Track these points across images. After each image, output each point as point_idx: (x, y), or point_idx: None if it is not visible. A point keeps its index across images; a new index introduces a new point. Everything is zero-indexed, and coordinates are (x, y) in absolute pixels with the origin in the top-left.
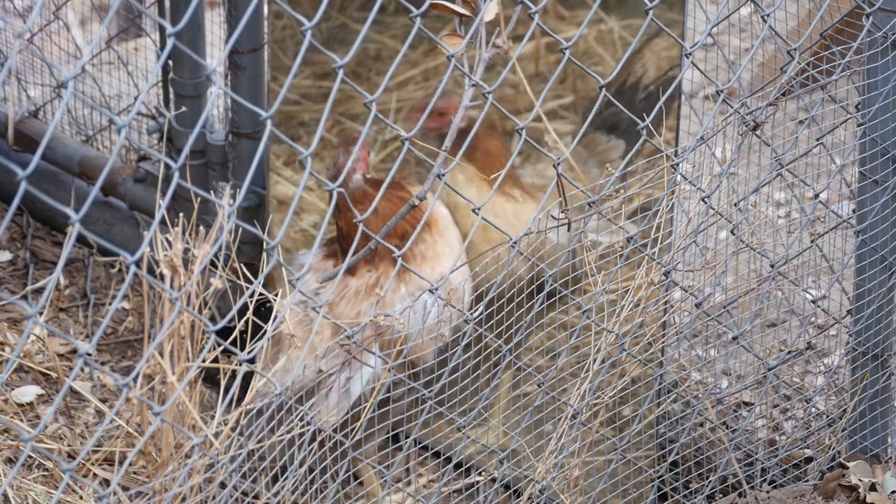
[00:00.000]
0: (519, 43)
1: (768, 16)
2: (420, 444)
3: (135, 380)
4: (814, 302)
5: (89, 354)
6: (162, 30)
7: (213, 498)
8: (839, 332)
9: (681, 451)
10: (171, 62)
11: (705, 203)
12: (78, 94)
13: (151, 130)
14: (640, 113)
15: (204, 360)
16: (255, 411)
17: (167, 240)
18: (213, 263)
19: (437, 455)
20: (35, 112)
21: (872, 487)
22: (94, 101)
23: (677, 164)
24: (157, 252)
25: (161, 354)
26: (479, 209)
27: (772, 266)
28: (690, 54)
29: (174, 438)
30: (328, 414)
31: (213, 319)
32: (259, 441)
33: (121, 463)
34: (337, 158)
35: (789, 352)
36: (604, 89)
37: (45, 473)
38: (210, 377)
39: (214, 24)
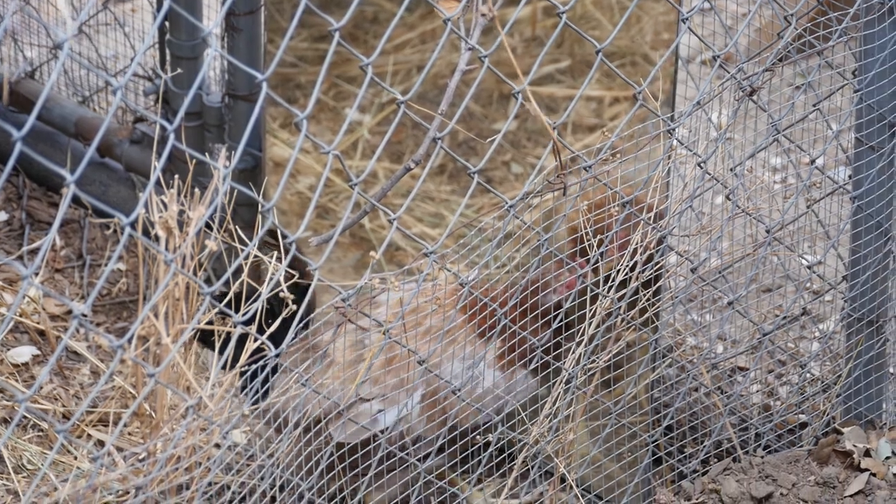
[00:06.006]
0: (515, 7)
1: None
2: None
3: (129, 341)
4: (809, 267)
5: (84, 315)
6: None
7: (209, 459)
8: (834, 298)
9: (675, 416)
10: (167, 23)
11: (701, 168)
12: (74, 56)
13: (148, 92)
14: None
15: (199, 322)
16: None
17: (163, 201)
18: (208, 225)
19: None
20: (31, 73)
21: (867, 453)
22: (90, 62)
23: (673, 129)
24: (152, 213)
25: (156, 316)
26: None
27: (767, 231)
28: (687, 19)
29: (169, 400)
30: (345, 434)
31: (208, 281)
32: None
33: (115, 424)
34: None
35: (784, 317)
36: (600, 53)
37: (40, 434)
38: (205, 338)
39: None
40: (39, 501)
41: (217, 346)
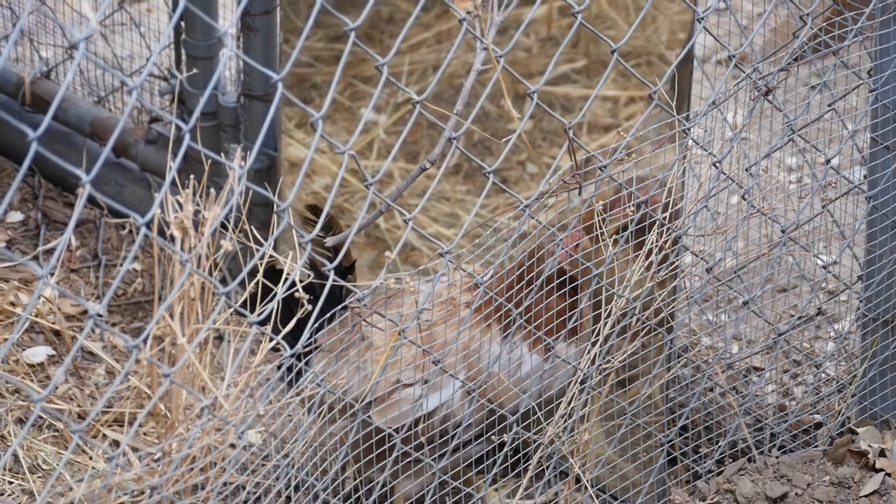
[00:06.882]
0: (531, 6)
1: None
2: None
3: (145, 341)
4: (825, 267)
5: (99, 315)
6: None
7: (224, 459)
8: (850, 298)
9: (691, 416)
10: (183, 24)
11: (717, 168)
12: (90, 56)
13: (163, 92)
14: None
15: (214, 322)
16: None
17: (178, 201)
18: (223, 226)
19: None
20: (47, 73)
21: (882, 453)
22: (106, 62)
23: (689, 129)
24: (167, 214)
25: (171, 316)
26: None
27: (783, 231)
28: (703, 19)
29: (184, 400)
30: (388, 417)
31: (223, 281)
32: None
33: (131, 424)
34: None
35: (800, 317)
36: (615, 53)
37: (55, 434)
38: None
39: None
40: (55, 501)
41: (233, 345)
